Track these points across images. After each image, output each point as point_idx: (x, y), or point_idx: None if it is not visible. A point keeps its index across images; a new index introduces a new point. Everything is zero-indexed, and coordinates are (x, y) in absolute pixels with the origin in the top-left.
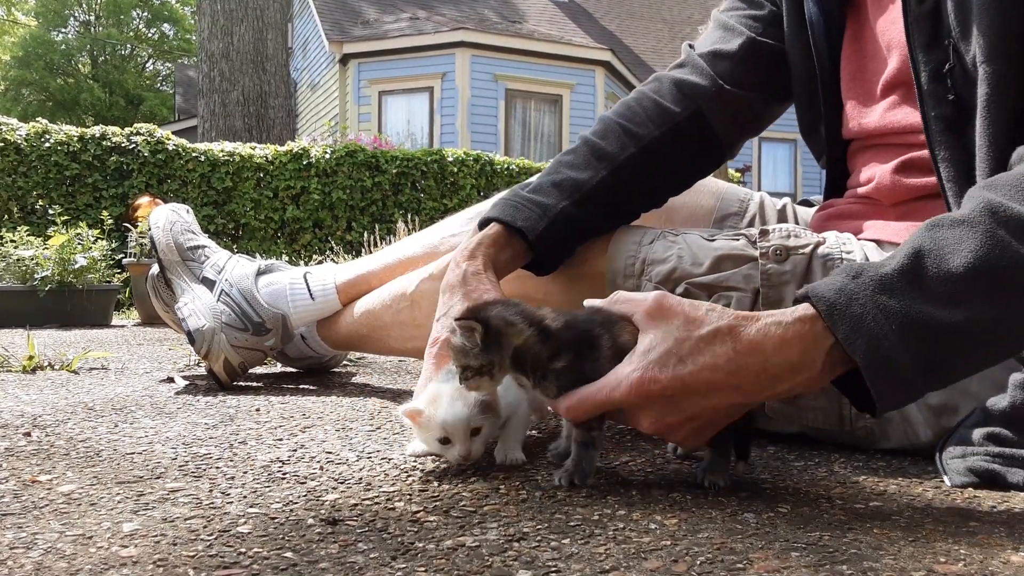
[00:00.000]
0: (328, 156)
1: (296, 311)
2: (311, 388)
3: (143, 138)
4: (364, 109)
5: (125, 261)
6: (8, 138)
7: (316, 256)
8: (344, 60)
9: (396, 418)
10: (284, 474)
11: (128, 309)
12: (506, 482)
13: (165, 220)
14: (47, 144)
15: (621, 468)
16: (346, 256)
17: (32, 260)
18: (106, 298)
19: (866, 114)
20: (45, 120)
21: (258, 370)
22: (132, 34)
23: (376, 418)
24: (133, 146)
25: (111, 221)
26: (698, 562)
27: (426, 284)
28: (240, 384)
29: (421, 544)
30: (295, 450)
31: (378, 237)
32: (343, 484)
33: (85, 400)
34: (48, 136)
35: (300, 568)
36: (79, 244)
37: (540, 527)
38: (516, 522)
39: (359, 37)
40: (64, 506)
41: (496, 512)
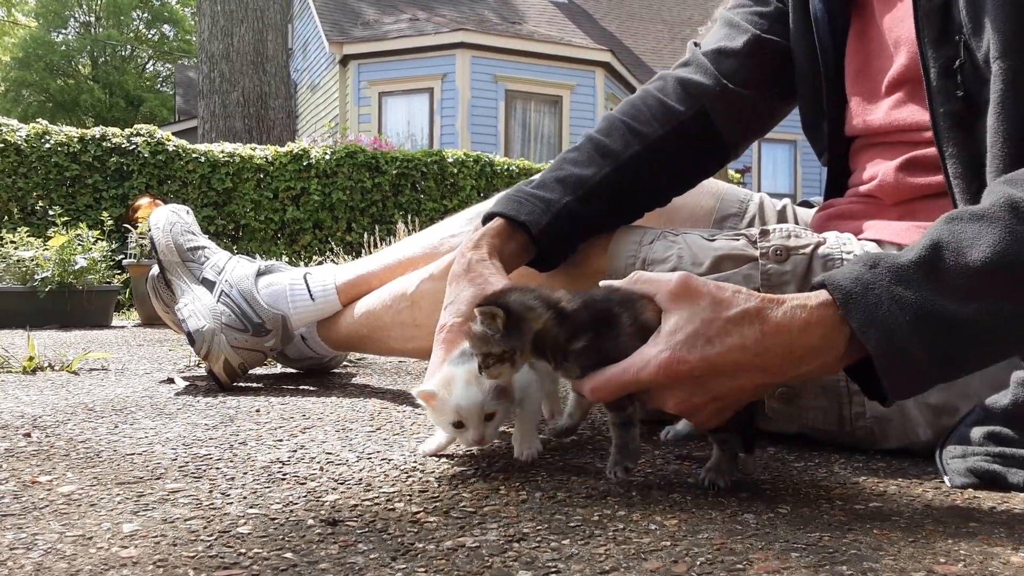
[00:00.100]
0: (328, 157)
1: (296, 312)
2: (311, 389)
3: (143, 139)
4: (364, 110)
5: (125, 262)
6: (8, 139)
7: (316, 257)
8: (344, 61)
9: (396, 419)
10: (284, 475)
11: (128, 310)
12: (506, 483)
13: (165, 221)
14: (47, 145)
15: None
16: (346, 257)
17: (32, 261)
18: (106, 299)
19: (871, 111)
20: (45, 121)
21: (258, 371)
22: (132, 35)
23: (376, 419)
24: (133, 147)
25: (111, 222)
26: (698, 563)
27: (426, 284)
28: (240, 385)
29: (421, 545)
30: (295, 451)
31: (378, 238)
32: (343, 485)
33: (85, 401)
34: (48, 137)
35: (300, 568)
36: (79, 245)
37: (540, 528)
38: (516, 523)
39: (359, 38)
40: (64, 507)
41: (496, 513)
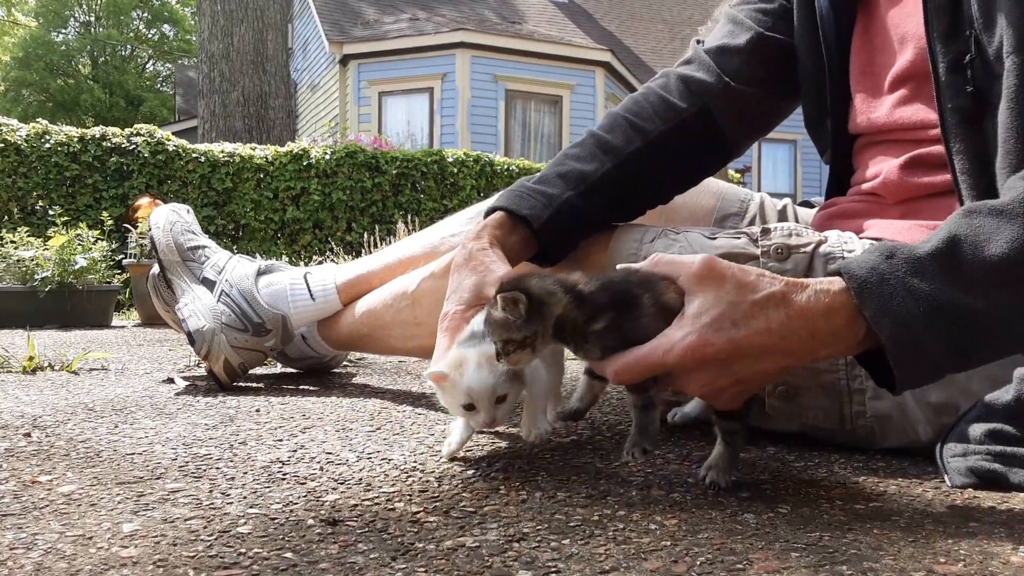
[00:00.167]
0: (328, 157)
1: (296, 311)
2: (311, 389)
3: (143, 139)
4: (364, 110)
5: (125, 262)
6: (8, 139)
7: (316, 257)
8: (344, 61)
9: (396, 419)
10: (284, 475)
11: (128, 310)
12: (506, 483)
13: (165, 220)
14: (47, 145)
15: (621, 468)
16: (346, 257)
17: (32, 261)
18: (106, 299)
19: (875, 108)
20: (45, 121)
21: (258, 371)
22: (132, 35)
23: (376, 419)
24: (133, 147)
25: (111, 222)
26: (698, 562)
27: (427, 283)
28: (240, 385)
29: (421, 544)
30: (295, 451)
31: (378, 238)
32: (343, 485)
33: (85, 401)
34: (48, 137)
35: (300, 568)
36: (79, 245)
37: (540, 527)
38: (516, 522)
39: (359, 38)
40: (64, 507)
41: (496, 512)
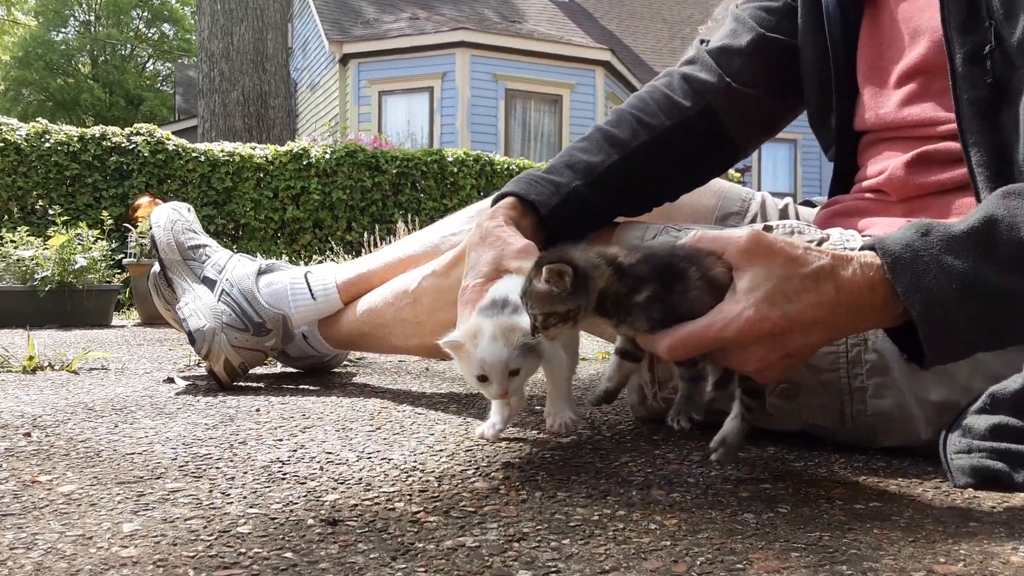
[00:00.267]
0: (328, 156)
1: (297, 311)
2: (311, 388)
3: (143, 138)
4: (364, 109)
5: (125, 261)
6: (8, 138)
7: (316, 256)
8: (344, 60)
9: (396, 419)
10: (284, 474)
11: (128, 309)
12: (506, 483)
13: (166, 219)
14: (47, 144)
15: (621, 468)
16: (346, 256)
17: (32, 260)
18: (106, 298)
19: (883, 104)
20: (45, 120)
21: (258, 370)
22: (132, 34)
23: (376, 418)
24: (133, 146)
25: (111, 221)
26: (698, 562)
27: (428, 281)
28: (240, 384)
29: (421, 544)
30: (295, 450)
31: (378, 237)
32: (343, 484)
33: (85, 400)
34: (48, 136)
35: (300, 568)
36: (79, 244)
37: (540, 527)
38: (516, 522)
39: (359, 37)
40: (64, 506)
41: (496, 512)
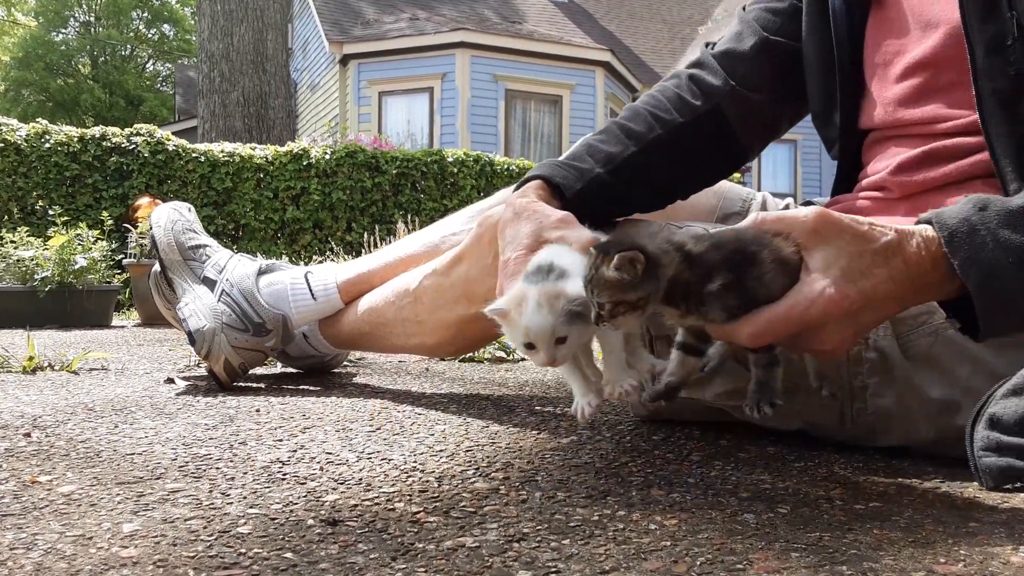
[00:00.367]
0: (328, 157)
1: (298, 311)
2: (311, 389)
3: (143, 139)
4: (364, 109)
5: (125, 262)
6: (8, 139)
7: (316, 257)
8: (344, 60)
9: (396, 419)
10: (284, 475)
11: (128, 310)
12: (506, 483)
13: (167, 219)
14: (47, 145)
15: (621, 468)
16: (346, 257)
17: (32, 261)
18: (106, 299)
19: (891, 101)
20: (45, 121)
21: (258, 370)
22: (132, 35)
23: (376, 419)
24: (133, 147)
25: (111, 222)
26: (698, 563)
27: (429, 280)
28: (240, 385)
29: (421, 545)
30: (295, 451)
31: (378, 238)
32: (343, 485)
33: (85, 401)
34: (48, 137)
35: (300, 568)
36: (79, 245)
37: (540, 528)
38: (516, 523)
39: (359, 37)
40: (64, 507)
41: (496, 513)
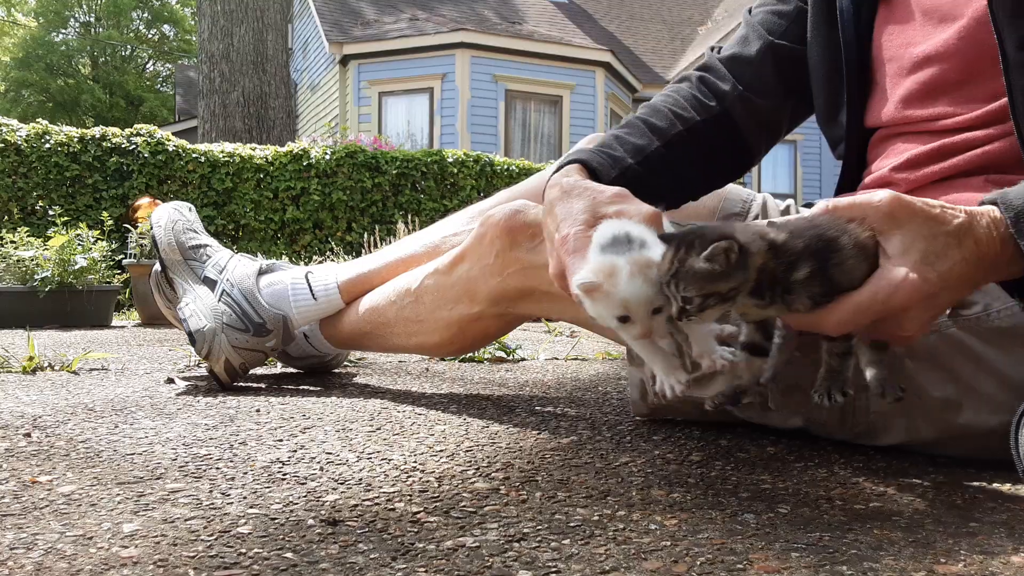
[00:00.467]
0: (328, 157)
1: (298, 311)
2: (311, 389)
3: (143, 139)
4: (364, 110)
5: (125, 262)
6: (8, 139)
7: (316, 257)
8: (344, 61)
9: (396, 419)
10: (284, 475)
11: (128, 310)
12: (506, 483)
13: (167, 219)
14: (47, 145)
15: (621, 468)
16: (346, 257)
17: (32, 261)
18: (106, 299)
19: (900, 99)
20: (45, 121)
21: (259, 370)
22: (132, 35)
23: (376, 419)
24: (133, 147)
25: (111, 222)
26: (698, 563)
27: (430, 279)
28: (240, 385)
29: (421, 545)
30: (295, 451)
31: (378, 238)
32: (343, 485)
33: (85, 401)
34: (48, 137)
35: (300, 568)
36: (79, 245)
37: (540, 528)
38: (516, 523)
39: (359, 38)
40: (64, 507)
41: (496, 513)
